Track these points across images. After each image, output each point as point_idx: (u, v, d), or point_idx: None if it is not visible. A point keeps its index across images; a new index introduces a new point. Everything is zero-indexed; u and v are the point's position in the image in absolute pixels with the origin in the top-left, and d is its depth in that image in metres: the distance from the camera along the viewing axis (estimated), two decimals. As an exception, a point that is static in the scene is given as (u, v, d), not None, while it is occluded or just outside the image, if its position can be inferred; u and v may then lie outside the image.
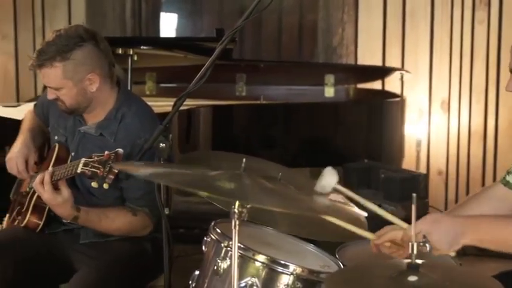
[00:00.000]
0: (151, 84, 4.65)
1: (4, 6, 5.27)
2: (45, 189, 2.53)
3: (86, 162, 2.45)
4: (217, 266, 2.13)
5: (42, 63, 2.62)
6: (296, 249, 2.35)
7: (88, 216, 2.61)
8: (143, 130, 2.68)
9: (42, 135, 3.00)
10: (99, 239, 2.75)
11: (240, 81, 4.67)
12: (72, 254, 2.77)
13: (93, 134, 2.75)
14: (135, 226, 2.70)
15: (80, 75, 2.65)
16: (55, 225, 2.80)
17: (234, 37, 2.33)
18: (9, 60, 5.33)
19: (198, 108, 3.86)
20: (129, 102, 2.79)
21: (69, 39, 2.62)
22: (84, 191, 2.75)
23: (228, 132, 4.09)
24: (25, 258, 2.68)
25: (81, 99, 2.69)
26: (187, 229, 4.89)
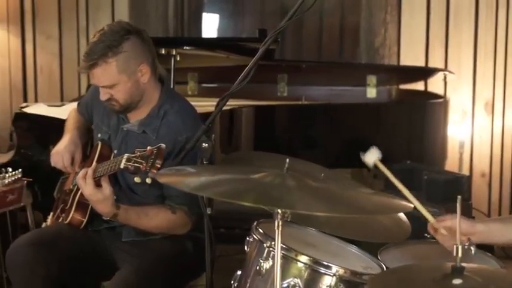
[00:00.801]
0: (193, 84, 4.66)
1: (49, 7, 5.33)
2: (86, 184, 2.55)
3: (129, 157, 2.46)
4: (259, 266, 2.13)
5: (95, 63, 2.63)
6: (338, 251, 2.34)
7: (127, 214, 2.63)
8: (185, 128, 2.70)
9: (86, 134, 3.04)
10: (141, 237, 2.77)
11: (282, 82, 4.66)
12: (114, 252, 2.80)
13: (136, 132, 2.77)
14: (173, 224, 2.71)
15: (133, 67, 2.68)
16: (98, 223, 2.82)
17: (277, 37, 2.33)
18: (53, 60, 5.38)
19: (240, 109, 3.87)
20: (172, 100, 2.81)
21: (115, 34, 2.65)
22: (126, 189, 2.78)
23: (270, 133, 4.08)
24: (69, 254, 2.71)
25: (135, 92, 2.71)
26: (228, 229, 4.90)
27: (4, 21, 5.34)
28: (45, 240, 2.71)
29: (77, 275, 2.76)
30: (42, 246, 2.66)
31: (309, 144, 4.16)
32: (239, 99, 4.00)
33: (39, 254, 2.64)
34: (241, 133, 3.92)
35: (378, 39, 5.13)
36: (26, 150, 3.80)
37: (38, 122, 3.84)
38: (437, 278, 1.74)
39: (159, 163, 2.40)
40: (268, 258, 2.12)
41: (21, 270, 2.63)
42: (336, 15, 5.64)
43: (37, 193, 3.58)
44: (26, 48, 5.39)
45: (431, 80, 4.85)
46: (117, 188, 2.70)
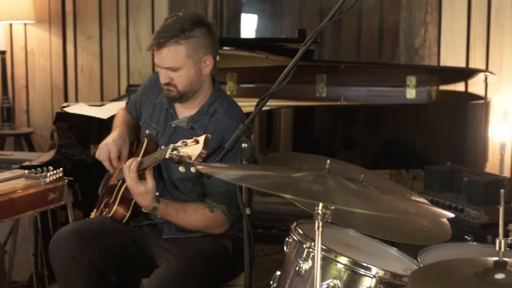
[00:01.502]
0: (232, 84, 4.67)
1: (90, 8, 5.39)
2: (130, 175, 2.58)
3: (174, 147, 2.48)
4: (299, 266, 2.12)
5: (166, 40, 2.67)
6: (378, 252, 2.33)
7: (167, 208, 2.66)
8: (233, 127, 2.71)
9: (133, 133, 3.08)
10: (182, 234, 2.79)
11: (321, 82, 4.65)
12: (154, 248, 2.83)
13: (184, 127, 2.80)
14: (211, 223, 2.72)
15: (199, 55, 2.73)
16: (140, 218, 2.86)
17: (316, 38, 2.32)
18: (94, 60, 5.44)
19: (279, 109, 3.87)
20: (222, 99, 2.85)
21: (190, 20, 2.71)
22: (170, 186, 2.81)
23: (308, 133, 4.07)
24: (111, 245, 2.75)
25: (195, 81, 2.75)
26: (266, 229, 4.91)
27: (46, 22, 5.42)
28: (88, 231, 2.75)
29: (117, 267, 2.80)
30: (85, 236, 2.71)
31: (347, 145, 4.14)
32: (278, 99, 4.00)
33: (83, 243, 2.68)
34: (280, 134, 3.91)
35: (417, 40, 5.09)
36: (66, 150, 3.84)
37: (78, 122, 3.87)
38: (479, 272, 1.72)
39: (204, 152, 2.41)
40: (307, 259, 2.12)
41: (64, 260, 2.67)
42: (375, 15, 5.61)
43: (77, 192, 3.62)
44: (67, 48, 5.46)
45: (472, 80, 4.80)
46: (161, 184, 2.74)
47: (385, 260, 2.25)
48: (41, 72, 5.53)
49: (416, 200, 2.18)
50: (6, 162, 4.18)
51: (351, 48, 5.77)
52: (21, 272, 3.91)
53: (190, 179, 2.76)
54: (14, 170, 3.35)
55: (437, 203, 3.33)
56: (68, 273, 2.69)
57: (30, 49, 5.52)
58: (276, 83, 2.27)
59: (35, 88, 5.58)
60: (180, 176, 2.78)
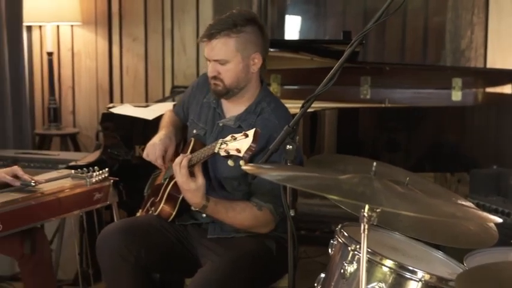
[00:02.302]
0: (276, 86, 4.67)
1: (135, 10, 5.43)
2: (181, 172, 2.59)
3: (223, 141, 2.50)
4: (343, 269, 2.11)
5: (218, 32, 2.71)
6: (423, 256, 2.31)
7: (216, 206, 2.66)
8: (280, 127, 2.70)
9: (180, 133, 3.10)
10: (226, 234, 2.81)
11: (365, 84, 4.62)
12: (198, 248, 2.84)
13: (232, 126, 2.82)
14: (258, 222, 2.72)
15: (249, 51, 2.75)
16: (185, 218, 2.89)
17: (362, 40, 2.31)
18: (139, 61, 5.48)
19: (324, 111, 3.86)
20: (269, 99, 2.86)
21: (243, 16, 2.75)
22: (216, 184, 2.83)
23: (353, 135, 4.06)
24: (157, 243, 2.78)
25: (242, 77, 2.77)
26: (309, 231, 4.90)
27: (92, 23, 5.47)
28: (135, 228, 2.79)
29: (162, 266, 2.82)
30: (132, 233, 2.75)
31: (391, 148, 4.11)
32: (322, 101, 3.99)
33: (129, 240, 2.72)
34: (324, 135, 3.90)
35: (464, 41, 5.04)
36: (112, 150, 3.88)
37: (124, 122, 3.91)
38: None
39: (254, 146, 2.43)
40: (352, 262, 2.11)
41: (111, 256, 2.71)
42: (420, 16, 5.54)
43: (122, 192, 3.65)
44: (113, 50, 5.51)
45: (520, 82, 4.73)
46: (208, 183, 2.73)
47: (431, 264, 2.23)
48: (87, 74, 5.59)
49: (462, 204, 2.15)
50: (52, 162, 4.24)
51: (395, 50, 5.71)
52: (66, 270, 3.96)
53: (236, 178, 2.77)
54: (60, 170, 3.39)
55: (484, 206, 3.29)
56: (114, 269, 2.72)
57: (76, 50, 5.58)
58: (322, 85, 2.26)
59: (81, 89, 5.64)
60: (226, 174, 2.79)
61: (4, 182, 2.97)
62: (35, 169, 4.07)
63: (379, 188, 1.87)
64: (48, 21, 5.27)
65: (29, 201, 2.86)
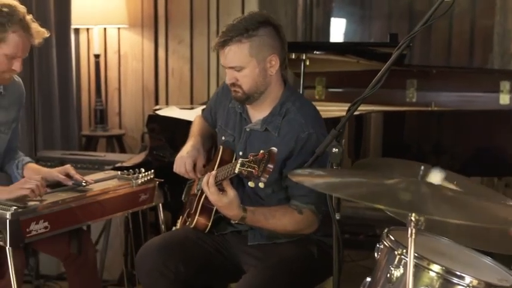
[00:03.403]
0: (320, 88, 4.66)
1: (182, 13, 5.46)
2: (210, 191, 2.58)
3: (243, 162, 2.48)
4: (390, 273, 2.09)
5: (229, 39, 2.68)
6: (472, 261, 2.27)
7: (254, 216, 2.64)
8: (306, 126, 2.70)
9: (210, 140, 3.09)
10: (267, 241, 2.79)
11: (411, 87, 4.58)
12: (240, 255, 2.83)
13: (259, 130, 2.80)
14: (301, 224, 2.70)
15: (264, 54, 2.71)
16: (223, 226, 2.87)
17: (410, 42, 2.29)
18: (184, 64, 5.51)
19: (370, 114, 3.84)
20: (294, 98, 2.82)
21: (254, 19, 2.71)
22: (250, 192, 2.80)
23: (398, 139, 4.03)
24: (195, 256, 2.77)
25: (260, 81, 2.74)
26: (352, 234, 4.88)
27: (139, 26, 5.52)
28: (172, 244, 2.77)
29: (203, 278, 2.82)
30: (170, 249, 2.74)
31: (437, 151, 4.07)
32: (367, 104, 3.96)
33: (167, 256, 2.71)
34: (370, 138, 3.88)
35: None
36: (157, 152, 3.90)
37: (169, 124, 3.93)
38: None
39: (271, 167, 2.40)
40: (399, 266, 2.09)
41: (150, 273, 2.71)
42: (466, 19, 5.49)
43: (166, 193, 3.67)
44: (159, 52, 5.54)
45: None
46: (241, 191, 2.72)
47: (479, 270, 2.20)
48: (133, 76, 5.64)
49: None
50: (99, 163, 4.29)
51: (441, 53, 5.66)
52: (111, 271, 3.99)
53: (270, 185, 2.74)
54: (107, 171, 3.43)
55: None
56: (153, 286, 2.72)
57: (123, 53, 5.63)
58: (369, 88, 2.25)
59: (127, 91, 5.69)
60: None
61: (56, 180, 3.02)
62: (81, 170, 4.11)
63: (427, 193, 1.85)
64: (96, 24, 5.33)
65: (76, 201, 2.89)
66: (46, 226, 2.74)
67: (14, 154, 3.22)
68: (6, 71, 2.91)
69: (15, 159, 3.19)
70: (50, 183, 2.99)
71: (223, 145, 2.94)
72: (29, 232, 2.68)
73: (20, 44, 2.87)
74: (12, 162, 3.19)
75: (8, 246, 2.63)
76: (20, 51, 2.89)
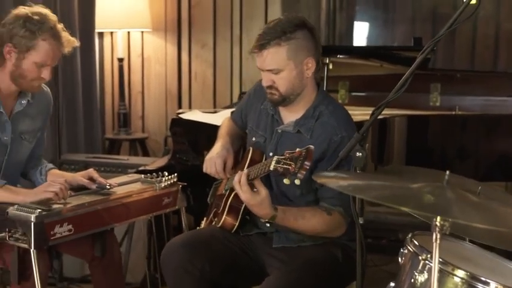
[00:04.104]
0: (343, 92, 4.65)
1: (205, 17, 5.47)
2: (242, 189, 2.58)
3: (278, 159, 2.48)
4: (414, 279, 2.08)
5: (267, 42, 2.68)
6: (497, 267, 2.25)
7: (285, 215, 2.64)
8: (339, 129, 2.71)
9: (239, 141, 3.10)
10: (292, 243, 2.79)
11: (435, 91, 4.56)
12: (264, 257, 2.83)
13: (291, 132, 2.80)
14: (329, 226, 2.70)
15: (301, 57, 2.73)
16: (249, 227, 2.88)
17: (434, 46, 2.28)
18: (207, 68, 5.52)
19: (393, 118, 3.82)
20: (327, 102, 2.84)
21: (291, 22, 2.72)
22: (279, 194, 2.81)
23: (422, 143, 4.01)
24: (221, 255, 2.77)
25: (297, 83, 2.75)
26: (375, 239, 4.86)
27: (162, 30, 5.54)
28: (198, 242, 2.78)
29: (229, 278, 2.82)
30: (195, 247, 2.74)
31: (461, 156, 4.05)
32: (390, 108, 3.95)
33: (193, 254, 2.71)
34: (393, 143, 3.87)
35: (538, 48, 4.94)
36: (181, 155, 3.91)
37: (193, 128, 3.94)
38: None
39: (308, 164, 2.40)
40: (423, 271, 2.08)
41: (176, 270, 2.72)
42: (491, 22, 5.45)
43: (189, 197, 3.68)
44: (182, 56, 5.56)
45: None
46: (270, 193, 2.72)
47: (504, 276, 2.18)
48: (156, 79, 5.66)
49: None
50: (122, 167, 4.31)
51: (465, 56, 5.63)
52: (134, 274, 4.01)
53: (299, 187, 2.75)
54: (130, 175, 3.44)
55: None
56: (179, 284, 2.73)
57: (146, 56, 5.66)
58: (393, 92, 2.24)
59: (150, 94, 5.71)
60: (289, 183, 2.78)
61: (81, 184, 3.04)
62: (105, 173, 4.13)
63: (452, 198, 1.84)
64: (120, 27, 5.36)
65: (100, 204, 2.91)
66: (70, 229, 2.76)
67: (38, 162, 3.24)
68: (35, 78, 2.94)
69: (38, 166, 3.22)
70: (74, 187, 3.01)
71: (253, 146, 2.94)
72: (53, 235, 2.70)
73: (49, 52, 2.90)
74: (35, 169, 3.21)
75: (33, 249, 2.65)
76: (49, 60, 2.91)
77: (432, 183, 1.94)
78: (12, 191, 2.87)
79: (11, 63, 2.91)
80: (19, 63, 2.90)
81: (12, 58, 2.90)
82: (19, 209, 2.68)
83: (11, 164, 3.07)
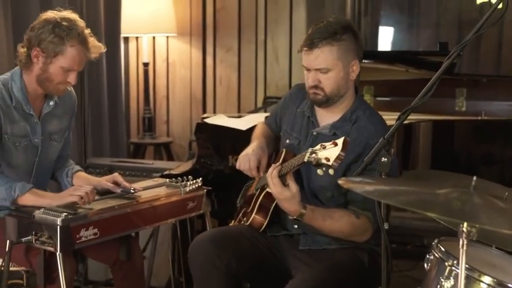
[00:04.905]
0: (368, 97, 4.64)
1: (230, 21, 5.48)
2: (273, 182, 2.59)
3: (313, 150, 2.48)
4: (440, 285, 2.08)
5: (319, 41, 2.70)
6: (524, 274, 2.24)
7: (313, 214, 2.64)
8: (376, 134, 2.70)
9: (273, 143, 3.11)
10: (318, 246, 2.80)
11: (460, 96, 4.53)
12: (289, 259, 2.84)
13: (326, 134, 2.81)
14: (356, 229, 2.69)
15: (349, 59, 2.76)
16: (277, 229, 2.89)
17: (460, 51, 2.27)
18: (232, 72, 5.53)
19: (418, 123, 3.81)
20: (364, 107, 2.86)
21: (340, 24, 2.75)
22: (309, 195, 2.82)
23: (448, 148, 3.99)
24: (248, 253, 2.79)
25: (342, 85, 2.77)
26: (400, 244, 4.84)
27: (187, 35, 5.56)
28: (226, 238, 2.80)
29: (253, 275, 2.84)
30: (223, 242, 2.76)
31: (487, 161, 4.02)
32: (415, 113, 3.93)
33: (221, 249, 2.73)
34: (419, 148, 3.85)
35: None
36: (205, 160, 3.92)
37: (218, 133, 3.94)
38: None
39: (343, 155, 2.40)
40: (449, 277, 2.07)
41: (203, 265, 2.74)
42: (518, 27, 5.41)
43: (214, 201, 3.69)
44: (207, 60, 5.57)
45: None
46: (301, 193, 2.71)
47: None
48: (181, 84, 5.68)
49: None
50: (147, 171, 4.33)
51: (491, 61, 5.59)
52: (158, 277, 4.01)
53: (330, 189, 2.75)
54: (155, 179, 3.46)
55: None
56: (205, 278, 2.75)
57: (171, 61, 5.68)
58: (419, 97, 2.23)
59: (175, 99, 5.73)
60: (320, 184, 2.78)
61: (105, 189, 3.06)
62: (129, 177, 4.16)
63: (479, 203, 1.83)
64: (145, 32, 5.39)
65: (125, 208, 2.92)
66: (95, 232, 2.77)
67: (65, 162, 3.27)
68: (61, 82, 2.97)
69: (65, 167, 3.24)
70: (99, 191, 3.03)
71: (287, 148, 2.95)
72: (79, 238, 2.72)
73: (76, 57, 2.93)
74: (62, 170, 3.24)
75: (59, 252, 2.67)
76: (76, 65, 2.94)
77: (459, 189, 1.93)
78: (38, 195, 2.89)
79: (38, 66, 2.95)
80: (46, 67, 2.93)
81: (39, 62, 2.94)
82: (45, 213, 2.70)
83: (41, 164, 3.11)
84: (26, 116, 3.01)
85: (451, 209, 1.83)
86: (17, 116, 2.98)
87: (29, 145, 3.04)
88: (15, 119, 2.98)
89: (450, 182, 2.20)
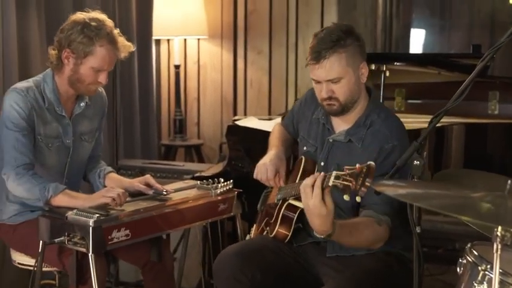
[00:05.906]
0: (399, 100, 4.61)
1: (261, 24, 5.48)
2: (314, 194, 2.36)
3: (338, 175, 2.33)
4: (473, 289, 2.06)
5: (326, 51, 2.65)
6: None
7: (342, 230, 2.48)
8: (391, 137, 2.68)
9: (290, 149, 3.09)
10: (345, 252, 2.76)
11: (493, 99, 4.49)
12: (318, 267, 2.81)
13: (342, 141, 2.79)
14: (378, 237, 2.64)
15: (357, 63, 2.73)
16: (303, 237, 2.85)
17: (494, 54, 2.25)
18: (263, 74, 5.53)
19: (451, 126, 3.77)
20: (379, 110, 2.82)
21: (340, 30, 2.71)
22: None
23: (481, 152, 3.95)
24: (273, 265, 2.76)
25: (355, 90, 2.74)
26: (431, 248, 4.80)
27: (218, 37, 5.57)
28: (251, 251, 2.77)
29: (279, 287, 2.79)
30: (247, 256, 2.73)
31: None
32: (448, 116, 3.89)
33: (245, 264, 2.70)
34: (451, 151, 3.82)
35: None
36: (236, 162, 3.92)
37: (249, 135, 3.94)
38: None
39: (369, 181, 2.28)
40: (483, 282, 2.05)
41: (227, 279, 2.72)
42: (551, 28, 5.35)
43: (244, 204, 3.68)
44: (238, 63, 5.58)
45: None
46: None
47: None
48: (212, 86, 5.69)
49: None
50: (178, 173, 4.35)
51: (523, 64, 5.53)
52: (189, 279, 4.03)
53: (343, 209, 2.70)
54: (186, 181, 3.47)
55: None
56: None
57: (202, 63, 5.70)
58: (452, 100, 2.21)
59: (205, 101, 5.75)
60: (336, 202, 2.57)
61: (137, 190, 3.08)
62: (160, 179, 4.17)
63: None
64: (176, 35, 5.41)
65: (157, 210, 2.94)
66: (127, 234, 2.79)
67: (96, 163, 3.30)
68: (92, 83, 2.99)
69: (97, 168, 3.27)
70: (131, 193, 3.04)
71: (305, 155, 2.93)
72: (110, 239, 2.74)
73: (106, 57, 2.95)
74: (94, 171, 3.26)
75: (91, 253, 2.69)
76: (106, 65, 2.97)
77: (493, 192, 1.91)
78: (71, 196, 2.92)
79: (69, 68, 2.97)
80: (77, 68, 2.96)
81: (70, 63, 2.96)
82: (78, 214, 2.72)
83: (73, 165, 3.14)
84: (58, 117, 3.04)
85: (485, 213, 1.81)
86: (49, 117, 3.01)
87: (61, 146, 3.07)
88: (48, 120, 3.01)
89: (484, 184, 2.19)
